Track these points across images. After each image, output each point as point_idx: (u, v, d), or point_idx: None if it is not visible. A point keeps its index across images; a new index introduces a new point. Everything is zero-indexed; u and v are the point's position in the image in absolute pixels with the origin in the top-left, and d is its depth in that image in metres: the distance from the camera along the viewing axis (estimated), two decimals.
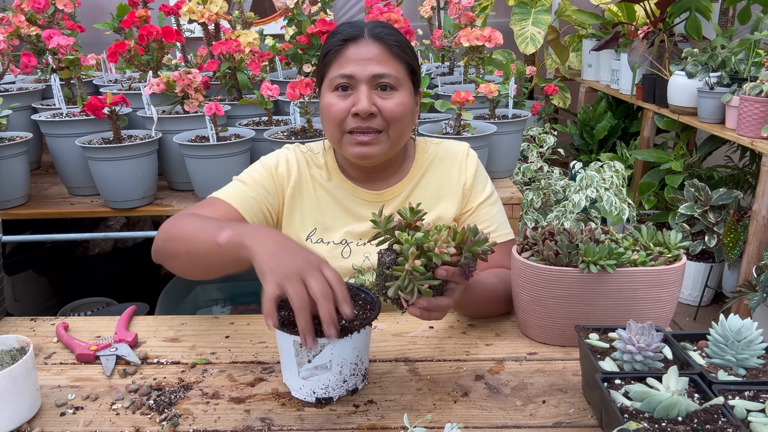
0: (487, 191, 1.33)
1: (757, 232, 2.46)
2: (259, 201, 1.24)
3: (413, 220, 0.94)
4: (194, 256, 1.05)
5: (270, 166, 1.29)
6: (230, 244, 0.96)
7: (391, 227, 0.94)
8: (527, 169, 2.72)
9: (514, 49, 3.91)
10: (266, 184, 1.27)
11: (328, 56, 1.20)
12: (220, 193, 1.24)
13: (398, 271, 0.90)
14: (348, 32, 1.18)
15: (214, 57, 2.18)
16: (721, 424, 0.74)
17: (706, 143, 3.20)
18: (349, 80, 1.17)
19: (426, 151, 1.35)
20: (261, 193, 1.25)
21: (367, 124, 1.18)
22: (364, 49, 1.17)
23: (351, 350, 0.92)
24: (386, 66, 1.17)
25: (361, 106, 1.15)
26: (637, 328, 0.88)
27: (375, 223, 0.94)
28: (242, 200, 1.22)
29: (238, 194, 1.23)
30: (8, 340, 0.95)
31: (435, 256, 0.89)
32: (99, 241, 2.64)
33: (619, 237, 1.12)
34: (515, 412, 0.92)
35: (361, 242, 1.28)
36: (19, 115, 2.17)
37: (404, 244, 0.90)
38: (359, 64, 1.16)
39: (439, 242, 0.89)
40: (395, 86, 1.18)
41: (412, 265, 0.88)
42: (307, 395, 0.94)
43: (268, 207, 1.26)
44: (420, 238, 0.89)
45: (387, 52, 1.18)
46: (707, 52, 2.76)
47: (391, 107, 1.18)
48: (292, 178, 1.28)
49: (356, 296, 1.01)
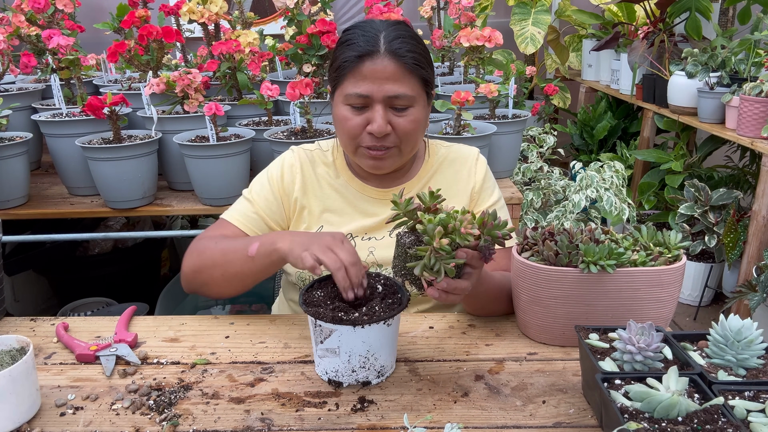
0: (495, 196, 1.35)
1: (757, 232, 2.46)
2: (263, 217, 1.29)
3: (432, 204, 0.95)
4: (229, 277, 1.17)
5: (274, 178, 1.32)
6: (261, 253, 1.11)
7: (411, 209, 0.95)
8: (527, 169, 2.72)
9: (514, 49, 3.91)
10: (270, 198, 1.30)
11: (342, 69, 1.18)
12: (228, 214, 1.31)
13: (422, 251, 0.92)
14: (363, 47, 1.16)
15: (214, 57, 2.18)
16: (721, 424, 0.74)
17: (706, 143, 3.20)
18: (364, 100, 1.17)
19: (436, 153, 1.36)
20: (265, 208, 1.30)
21: (381, 143, 1.19)
22: (381, 67, 1.15)
23: (360, 342, 0.94)
24: (402, 85, 1.16)
25: (377, 128, 1.16)
26: (637, 328, 0.88)
27: (395, 205, 0.95)
28: (248, 220, 1.29)
29: (244, 214, 1.29)
30: (8, 340, 0.95)
31: (460, 236, 0.90)
32: (99, 241, 2.64)
33: (619, 237, 1.12)
34: (515, 412, 0.92)
35: (366, 237, 1.29)
36: (19, 115, 2.17)
37: (428, 225, 0.91)
38: (375, 83, 1.15)
39: (464, 223, 0.90)
40: (410, 104, 1.19)
41: (439, 244, 0.89)
42: (322, 373, 1.01)
43: (274, 219, 1.30)
44: (444, 218, 0.91)
45: (403, 69, 1.16)
46: (707, 52, 2.76)
47: (405, 125, 1.19)
48: (297, 182, 1.31)
49: (389, 292, 1.03)
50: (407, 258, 0.94)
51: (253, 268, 1.13)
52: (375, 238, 1.29)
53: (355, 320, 0.94)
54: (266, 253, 1.10)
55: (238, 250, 1.15)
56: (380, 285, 1.05)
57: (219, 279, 1.18)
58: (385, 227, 1.30)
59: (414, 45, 1.19)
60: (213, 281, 1.19)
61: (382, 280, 1.06)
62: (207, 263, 1.19)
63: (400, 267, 0.96)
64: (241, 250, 1.14)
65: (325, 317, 0.94)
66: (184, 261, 1.23)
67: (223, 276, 1.17)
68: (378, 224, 1.30)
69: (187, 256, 1.23)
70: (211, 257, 1.19)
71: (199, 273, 1.20)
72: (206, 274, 1.19)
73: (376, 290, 1.04)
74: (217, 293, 1.22)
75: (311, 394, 0.97)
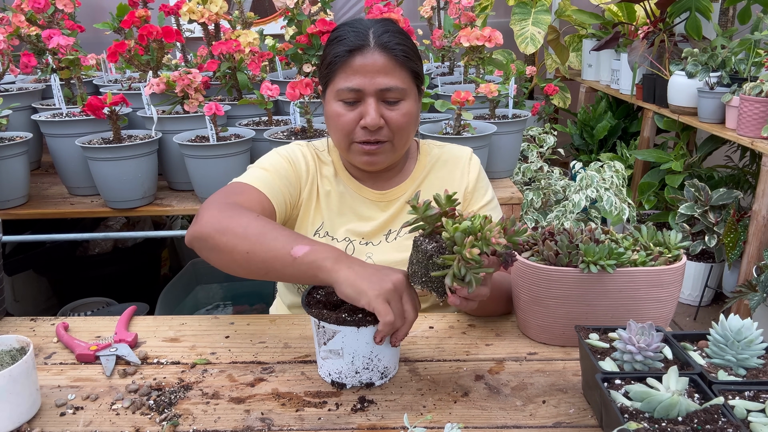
0: (488, 196, 1.35)
1: (757, 232, 2.46)
2: (282, 192, 1.22)
3: (449, 208, 0.93)
4: (254, 259, 1.01)
5: (290, 158, 1.27)
6: (307, 262, 0.97)
7: (432, 215, 0.92)
8: (527, 169, 2.72)
9: (514, 49, 3.91)
10: (288, 174, 1.25)
11: (333, 65, 1.18)
12: (247, 179, 1.21)
13: (449, 259, 0.89)
14: (353, 42, 1.16)
15: (214, 57, 2.18)
16: (721, 424, 0.74)
17: (706, 143, 3.20)
18: (356, 94, 1.17)
19: (429, 153, 1.36)
20: (283, 183, 1.24)
21: (375, 137, 1.19)
22: (371, 61, 1.16)
23: (363, 344, 0.94)
24: (393, 77, 1.17)
25: (370, 121, 1.16)
26: (637, 328, 0.88)
27: (414, 209, 0.92)
28: (270, 188, 1.20)
29: (265, 181, 1.20)
30: (8, 340, 0.95)
31: (486, 244, 0.86)
32: (99, 241, 2.64)
33: (619, 237, 1.12)
34: (515, 412, 0.92)
35: (363, 242, 1.28)
36: (19, 115, 2.17)
37: (455, 233, 0.87)
38: (366, 76, 1.16)
39: (494, 231, 0.87)
40: (402, 97, 1.19)
41: (470, 254, 0.86)
42: (325, 375, 1.00)
43: (288, 196, 1.24)
44: (469, 226, 0.88)
45: (393, 62, 1.17)
46: (707, 52, 2.76)
47: (398, 118, 1.19)
48: (309, 174, 1.29)
49: None
50: (430, 266, 0.91)
51: (286, 270, 0.99)
52: (372, 243, 1.29)
53: (358, 321, 0.93)
54: (311, 263, 0.96)
55: (279, 239, 1.00)
56: None
57: (240, 254, 1.02)
58: (380, 231, 1.30)
59: (403, 39, 1.19)
60: (231, 252, 1.03)
61: None
62: (237, 230, 1.03)
63: (421, 274, 0.92)
64: (284, 242, 0.99)
65: (328, 318, 0.94)
66: (206, 214, 1.07)
67: (247, 255, 1.01)
68: (375, 228, 1.29)
69: (212, 211, 1.08)
70: (244, 227, 1.03)
71: (222, 235, 1.03)
72: (229, 240, 1.03)
73: None
74: (224, 266, 1.07)
75: (311, 394, 0.97)
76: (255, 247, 1.01)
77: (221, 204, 1.10)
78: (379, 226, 1.30)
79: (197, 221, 1.08)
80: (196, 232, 1.07)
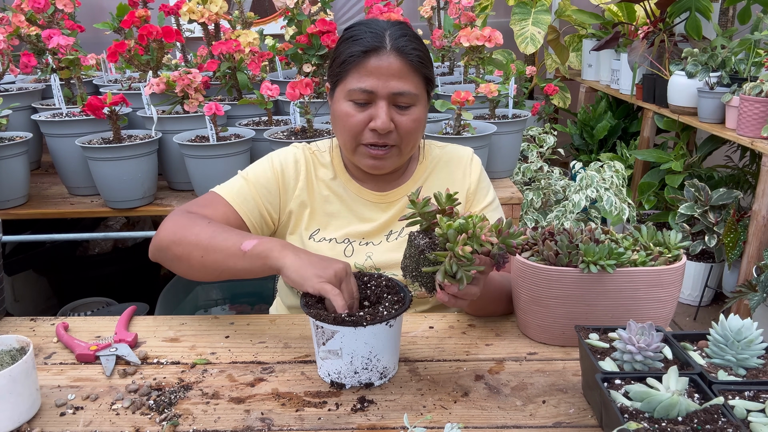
0: (489, 197, 1.35)
1: (757, 232, 2.46)
2: (258, 202, 1.25)
3: (448, 206, 0.94)
4: (208, 263, 1.10)
5: (277, 167, 1.28)
6: (256, 253, 1.05)
7: (429, 211, 0.94)
8: (527, 169, 2.72)
9: (514, 49, 3.91)
10: (269, 185, 1.27)
11: (347, 63, 1.17)
12: (222, 189, 1.26)
13: (441, 256, 0.90)
14: (370, 42, 1.16)
15: (214, 57, 2.18)
16: (721, 424, 0.74)
17: (706, 143, 3.20)
18: (368, 96, 1.16)
19: (430, 153, 1.36)
20: (262, 193, 1.26)
21: (383, 141, 1.18)
22: (386, 63, 1.15)
23: (362, 343, 0.94)
24: (406, 82, 1.16)
25: (380, 124, 1.15)
26: (637, 328, 0.88)
27: (413, 204, 0.94)
28: (242, 200, 1.24)
29: (239, 193, 1.24)
30: (8, 340, 0.95)
31: (480, 243, 0.88)
32: (99, 241, 2.64)
33: (619, 237, 1.12)
34: (515, 412, 0.92)
35: (363, 242, 1.28)
36: (19, 115, 2.17)
37: (448, 230, 0.89)
38: (380, 79, 1.15)
39: (485, 230, 0.89)
40: (413, 103, 1.18)
41: (462, 251, 0.87)
42: (324, 375, 1.00)
43: (267, 207, 1.27)
44: (463, 224, 0.89)
45: (408, 66, 1.16)
46: (707, 52, 2.76)
47: (408, 123, 1.18)
48: (300, 179, 1.29)
49: (392, 293, 1.03)
50: (421, 261, 0.92)
51: (238, 264, 1.07)
52: (372, 243, 1.29)
53: (357, 321, 0.93)
54: (260, 254, 1.05)
55: (229, 239, 1.08)
56: (382, 285, 1.05)
57: (195, 260, 1.10)
58: (381, 232, 1.30)
59: (418, 44, 1.19)
60: (187, 260, 1.12)
61: (384, 281, 1.06)
62: (190, 239, 1.11)
63: (412, 268, 0.94)
64: (234, 241, 1.07)
65: (326, 318, 0.94)
66: (164, 226, 1.15)
67: (202, 259, 1.10)
68: (375, 229, 1.29)
69: (169, 223, 1.15)
70: (196, 234, 1.11)
71: (177, 245, 1.12)
72: (184, 249, 1.11)
73: (382, 291, 1.04)
74: (184, 273, 1.15)
75: (311, 394, 0.97)
76: (208, 251, 1.09)
77: (178, 216, 1.17)
78: (380, 227, 1.29)
79: (156, 235, 1.17)
80: (155, 246, 1.17)
